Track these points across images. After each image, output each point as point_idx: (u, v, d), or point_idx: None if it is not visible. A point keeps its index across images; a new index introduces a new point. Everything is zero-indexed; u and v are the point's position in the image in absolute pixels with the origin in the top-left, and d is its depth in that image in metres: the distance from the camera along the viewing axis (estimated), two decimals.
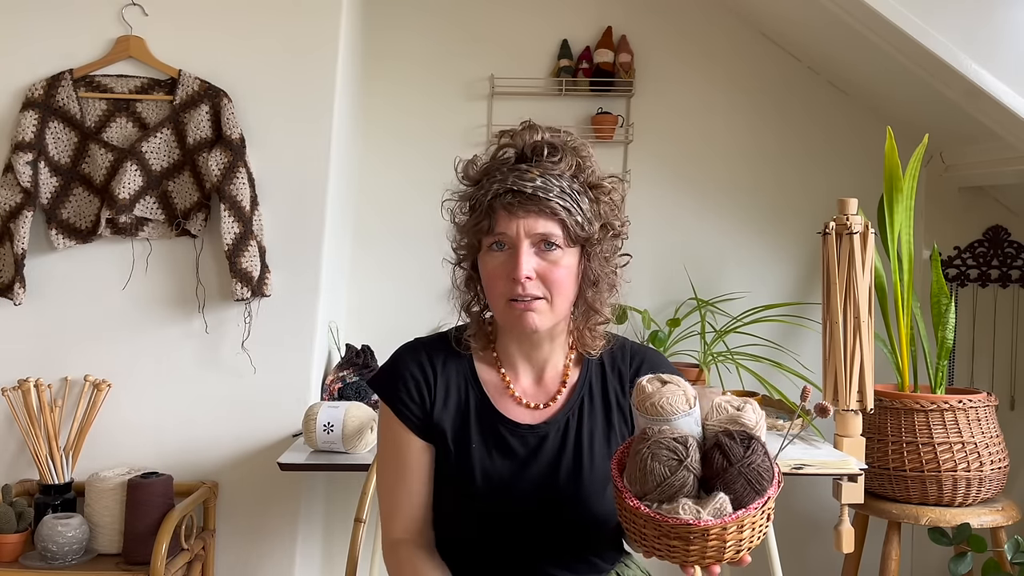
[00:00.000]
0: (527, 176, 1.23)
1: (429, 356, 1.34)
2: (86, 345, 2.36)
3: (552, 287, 1.25)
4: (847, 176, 2.88)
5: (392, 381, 1.33)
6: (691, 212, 2.90)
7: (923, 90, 2.51)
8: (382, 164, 2.87)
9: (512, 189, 1.23)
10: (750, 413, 1.15)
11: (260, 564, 2.39)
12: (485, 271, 1.28)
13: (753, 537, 1.10)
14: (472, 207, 1.28)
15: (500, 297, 1.26)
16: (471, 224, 1.27)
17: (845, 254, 2.26)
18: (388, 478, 1.33)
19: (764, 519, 1.11)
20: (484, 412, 1.32)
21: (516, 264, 1.22)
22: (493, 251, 1.26)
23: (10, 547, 2.12)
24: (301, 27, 2.40)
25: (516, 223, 1.23)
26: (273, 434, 2.37)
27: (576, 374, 1.36)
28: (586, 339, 1.34)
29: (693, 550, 1.08)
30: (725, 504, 1.08)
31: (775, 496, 1.12)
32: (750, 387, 2.66)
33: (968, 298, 2.91)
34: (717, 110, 2.91)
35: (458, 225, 1.32)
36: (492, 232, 1.24)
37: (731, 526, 1.07)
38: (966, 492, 2.35)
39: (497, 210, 1.23)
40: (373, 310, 2.84)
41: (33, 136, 2.29)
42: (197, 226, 2.34)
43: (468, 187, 1.31)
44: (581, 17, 2.88)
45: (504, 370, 1.35)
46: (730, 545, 1.08)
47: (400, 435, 1.32)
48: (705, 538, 1.07)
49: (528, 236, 1.23)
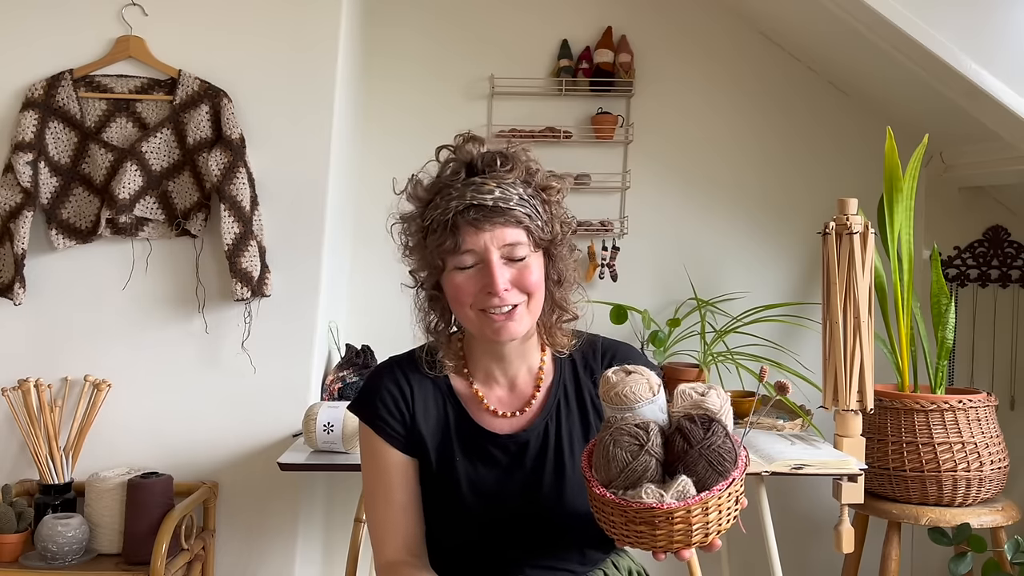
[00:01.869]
0: (484, 188, 1.22)
1: (404, 373, 1.34)
2: (86, 345, 2.36)
3: (529, 290, 1.26)
4: (847, 176, 2.88)
5: (370, 401, 1.33)
6: (691, 212, 2.90)
7: (923, 90, 2.51)
8: (382, 164, 2.86)
9: (472, 204, 1.21)
10: (713, 398, 1.16)
11: (260, 564, 2.39)
12: (453, 288, 1.26)
13: (721, 520, 1.10)
14: (430, 228, 1.25)
15: (472, 309, 1.25)
16: (434, 245, 1.24)
17: (845, 254, 2.26)
18: (377, 500, 1.32)
19: (732, 502, 1.11)
20: (463, 425, 1.33)
21: (491, 278, 1.22)
22: (461, 269, 1.24)
23: (10, 547, 2.12)
24: (301, 27, 2.40)
25: (483, 236, 1.22)
26: (273, 434, 2.37)
27: (550, 376, 1.37)
28: (556, 338, 1.34)
29: (660, 535, 1.09)
30: (688, 486, 1.09)
31: (741, 478, 1.12)
32: (750, 387, 2.65)
33: (968, 298, 2.91)
34: (717, 110, 2.91)
35: (414, 248, 1.29)
36: (459, 250, 1.22)
37: (695, 508, 1.08)
38: (966, 492, 2.35)
39: (461, 227, 1.21)
40: (373, 310, 2.83)
41: (33, 136, 2.29)
42: (197, 226, 2.34)
43: (418, 208, 1.28)
44: (581, 17, 2.88)
45: (476, 385, 1.35)
46: (697, 528, 1.09)
47: (384, 454, 1.31)
48: (670, 521, 1.08)
49: (497, 247, 1.23)
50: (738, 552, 2.75)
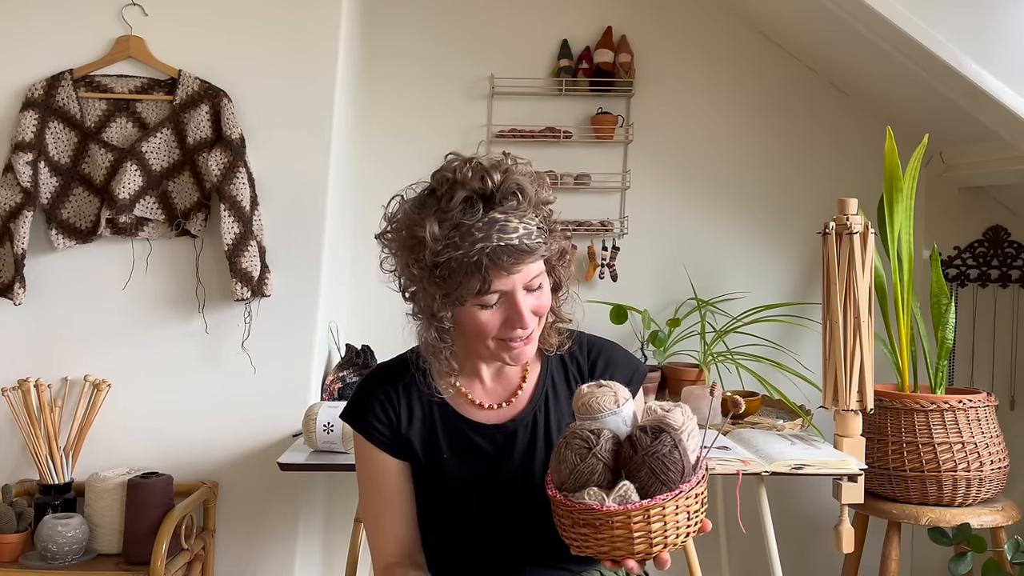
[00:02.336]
0: (508, 228, 1.18)
1: (391, 380, 1.36)
2: (86, 345, 2.36)
3: (542, 313, 1.28)
4: (847, 176, 2.88)
5: (360, 409, 1.35)
6: (691, 212, 2.90)
7: (923, 90, 2.51)
8: (382, 164, 2.87)
9: (499, 245, 1.18)
10: (677, 415, 1.18)
11: (260, 564, 2.39)
12: (475, 324, 1.24)
13: (668, 533, 1.11)
14: (446, 265, 1.20)
15: (493, 341, 1.26)
16: (454, 284, 1.20)
17: (845, 254, 2.26)
18: (372, 505, 1.34)
19: (682, 517, 1.12)
20: (448, 419, 1.34)
21: (519, 314, 1.23)
22: (483, 307, 1.23)
23: (10, 547, 2.12)
24: (301, 27, 2.40)
25: (512, 279, 1.21)
26: (273, 434, 2.37)
27: (536, 369, 1.38)
28: (549, 339, 1.36)
29: (603, 539, 1.11)
30: (629, 491, 1.10)
31: (696, 496, 1.12)
32: (750, 387, 2.65)
33: (968, 298, 2.91)
34: (717, 110, 2.91)
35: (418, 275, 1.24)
36: (487, 291, 1.20)
37: (636, 515, 1.09)
38: (966, 492, 2.35)
39: (489, 269, 1.18)
40: (373, 310, 2.83)
41: (33, 136, 2.29)
42: (197, 226, 2.34)
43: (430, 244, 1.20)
44: (581, 17, 2.89)
45: (459, 382, 1.36)
46: (639, 537, 1.10)
47: (376, 460, 1.33)
48: (611, 526, 1.10)
49: (523, 285, 1.23)
50: (738, 552, 2.75)
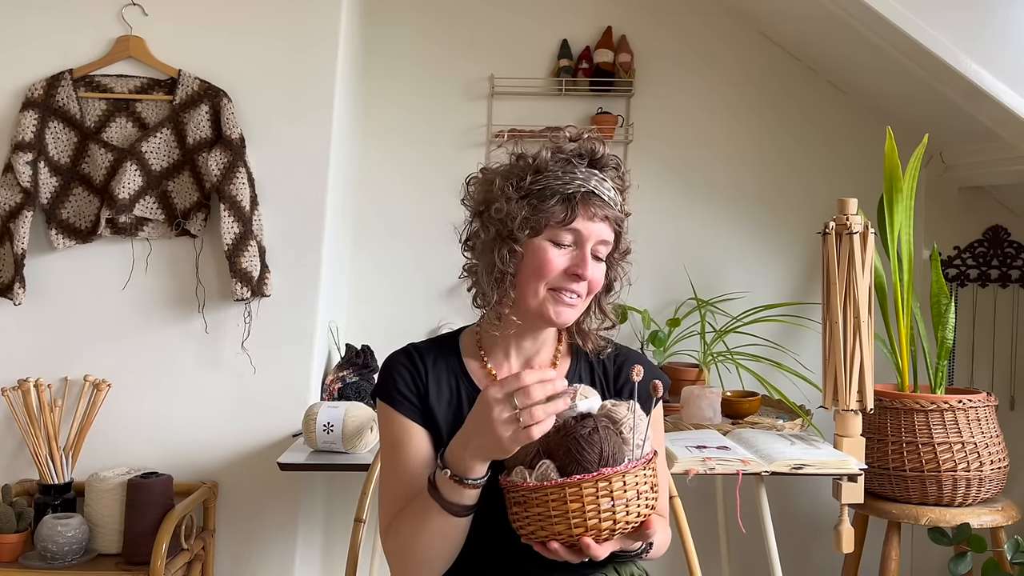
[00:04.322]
0: (605, 184, 1.29)
1: (419, 353, 1.37)
2: (86, 345, 2.36)
3: (594, 288, 1.31)
4: (847, 176, 2.88)
5: (385, 380, 1.35)
6: (691, 212, 2.90)
7: (923, 90, 2.51)
8: (382, 164, 2.87)
9: (593, 191, 1.27)
10: (622, 409, 1.21)
11: (260, 564, 2.39)
12: (538, 256, 1.28)
13: (588, 516, 1.11)
14: (541, 192, 1.27)
15: (544, 286, 1.29)
16: (544, 208, 1.26)
17: (845, 254, 2.26)
18: (391, 469, 1.33)
19: (608, 503, 1.12)
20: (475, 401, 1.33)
21: (583, 262, 1.27)
22: (557, 242, 1.28)
23: (10, 547, 2.12)
24: (301, 27, 2.40)
25: (591, 225, 1.27)
26: (273, 434, 2.37)
27: (565, 365, 1.40)
28: (588, 339, 1.38)
29: (529, 516, 1.15)
30: (548, 469, 1.14)
31: (619, 479, 1.12)
32: (750, 387, 2.65)
33: (968, 298, 2.91)
34: (717, 110, 2.91)
35: (509, 196, 1.28)
36: (567, 224, 1.26)
37: (552, 492, 1.12)
38: (966, 492, 2.35)
39: (579, 205, 1.26)
40: (373, 310, 2.84)
41: (33, 136, 2.29)
42: (197, 226, 2.34)
43: (531, 171, 1.28)
44: (581, 17, 2.89)
45: (489, 364, 1.37)
46: (558, 518, 1.12)
47: (400, 426, 1.32)
48: (533, 503, 1.14)
49: (596, 239, 1.29)
50: (738, 552, 2.75)
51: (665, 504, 1.41)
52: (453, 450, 1.20)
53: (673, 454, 2.06)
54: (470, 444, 1.17)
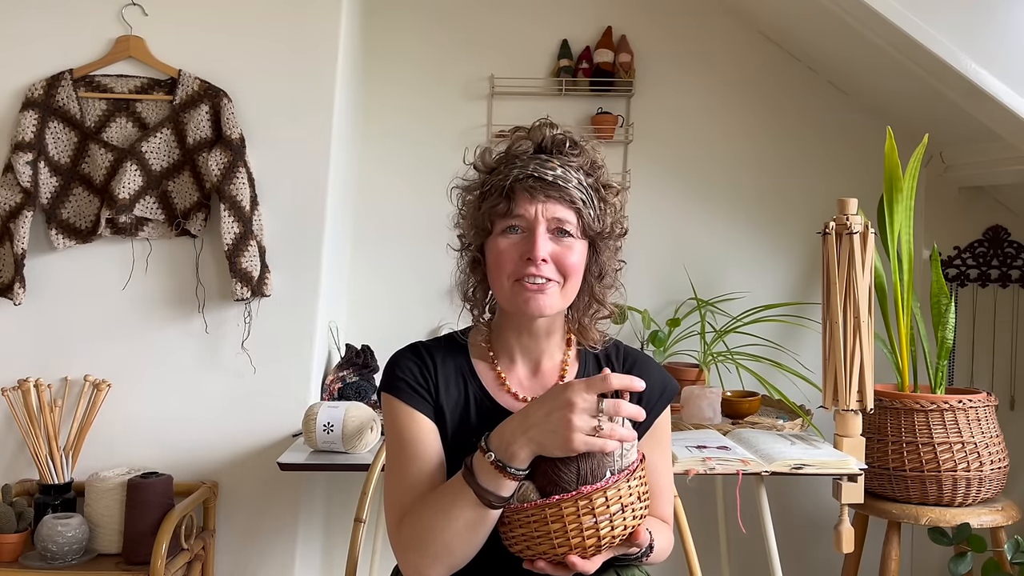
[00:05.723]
0: (548, 165, 1.27)
1: (428, 350, 1.35)
2: (86, 345, 2.36)
3: (566, 271, 1.28)
4: (847, 176, 2.88)
5: (393, 373, 1.33)
6: (691, 212, 2.90)
7: (923, 90, 2.51)
8: (382, 164, 2.87)
9: (533, 175, 1.26)
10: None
11: (260, 564, 2.39)
12: (495, 252, 1.28)
13: (571, 536, 1.11)
14: (487, 191, 1.29)
15: (508, 279, 1.27)
16: (488, 206, 1.28)
17: (845, 254, 2.26)
18: (400, 463, 1.29)
19: (591, 520, 1.11)
20: (483, 405, 1.32)
21: (533, 244, 1.25)
22: (507, 234, 1.27)
23: (10, 547, 2.12)
24: (301, 27, 2.40)
25: (536, 206, 1.26)
26: (273, 434, 2.37)
27: (575, 368, 1.38)
28: (588, 332, 1.36)
29: (515, 536, 1.15)
30: (527, 491, 1.15)
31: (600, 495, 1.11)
32: (750, 387, 2.66)
33: (968, 298, 2.91)
34: (717, 110, 2.91)
35: (468, 208, 1.32)
36: (510, 214, 1.26)
37: (533, 514, 1.12)
38: (966, 492, 2.35)
39: (517, 192, 1.26)
40: (373, 310, 2.84)
41: (33, 136, 2.29)
42: (197, 226, 2.34)
43: (482, 174, 1.32)
44: (581, 17, 2.89)
45: (499, 366, 1.35)
46: (540, 538, 1.12)
47: (410, 418, 1.30)
48: (516, 524, 1.14)
49: (546, 219, 1.26)
50: (738, 552, 2.75)
51: (668, 510, 1.39)
52: (504, 433, 1.16)
53: (673, 454, 2.06)
54: (528, 432, 1.14)
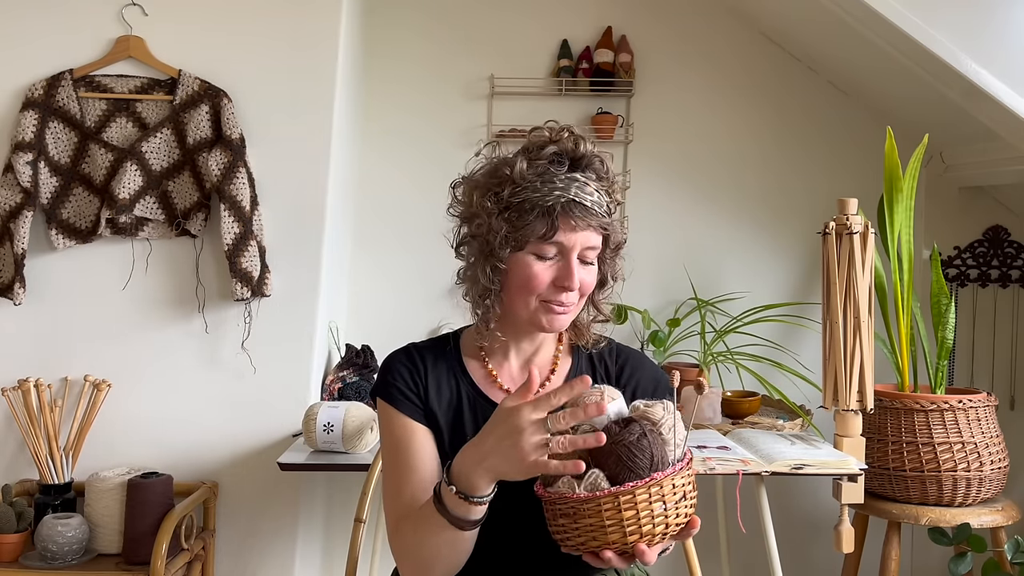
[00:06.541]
0: (587, 189, 1.24)
1: (419, 353, 1.36)
2: (86, 345, 2.36)
3: (585, 291, 1.29)
4: (847, 176, 2.88)
5: (385, 379, 1.34)
6: (691, 212, 2.90)
7: (923, 90, 2.51)
8: (382, 164, 2.87)
9: (575, 200, 1.23)
10: (659, 409, 1.18)
11: (260, 564, 2.39)
12: (524, 272, 1.26)
13: (642, 523, 1.10)
14: (521, 206, 1.24)
15: (535, 299, 1.27)
16: (522, 224, 1.24)
17: (845, 254, 2.26)
18: (395, 469, 1.30)
19: (660, 507, 1.10)
20: (476, 402, 1.33)
21: (569, 274, 1.24)
22: (540, 257, 1.26)
23: (10, 547, 2.12)
24: (301, 27, 2.40)
25: (575, 236, 1.24)
26: (273, 434, 2.37)
27: (567, 364, 1.39)
28: (584, 334, 1.37)
29: (579, 528, 1.11)
30: (599, 479, 1.11)
31: (668, 482, 1.11)
32: (750, 387, 2.66)
33: (968, 298, 2.91)
34: (717, 110, 2.91)
35: (488, 210, 1.26)
36: (549, 239, 1.24)
37: (606, 501, 1.09)
38: (966, 492, 2.35)
39: (559, 218, 1.23)
40: (373, 310, 2.84)
41: (33, 136, 2.29)
42: (197, 226, 2.34)
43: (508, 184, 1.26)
44: (581, 17, 2.89)
45: (490, 364, 1.36)
46: (612, 525, 1.10)
47: (403, 425, 1.31)
48: (584, 514, 1.10)
49: (580, 247, 1.26)
50: (738, 552, 2.75)
51: None
52: (461, 466, 1.15)
53: None
54: (485, 462, 1.13)
